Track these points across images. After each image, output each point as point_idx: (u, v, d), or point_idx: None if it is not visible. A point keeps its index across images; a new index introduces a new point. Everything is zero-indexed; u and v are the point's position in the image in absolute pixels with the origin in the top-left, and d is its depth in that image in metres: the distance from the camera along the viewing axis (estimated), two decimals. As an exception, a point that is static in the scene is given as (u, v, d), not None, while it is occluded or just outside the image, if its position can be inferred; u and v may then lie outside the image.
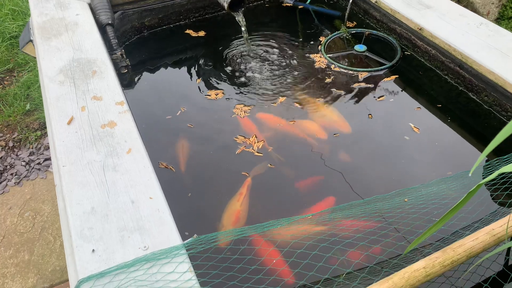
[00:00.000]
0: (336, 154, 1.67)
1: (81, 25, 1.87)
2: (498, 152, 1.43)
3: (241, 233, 1.06)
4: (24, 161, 2.73)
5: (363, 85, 2.00)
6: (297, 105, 1.90)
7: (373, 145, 1.71)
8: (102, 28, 1.99)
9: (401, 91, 1.98)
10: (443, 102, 1.88)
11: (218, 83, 2.04)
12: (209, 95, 1.95)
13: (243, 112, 1.83)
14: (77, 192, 1.16)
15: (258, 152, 1.65)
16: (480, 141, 1.74)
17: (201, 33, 2.34)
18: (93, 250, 1.01)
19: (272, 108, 1.88)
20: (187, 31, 2.37)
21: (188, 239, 1.04)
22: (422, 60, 2.04)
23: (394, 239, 1.13)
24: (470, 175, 0.87)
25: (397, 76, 2.02)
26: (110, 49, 1.97)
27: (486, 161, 1.45)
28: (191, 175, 1.60)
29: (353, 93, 1.96)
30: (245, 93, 1.98)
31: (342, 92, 1.96)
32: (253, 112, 1.86)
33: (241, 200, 1.44)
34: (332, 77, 2.05)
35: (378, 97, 1.93)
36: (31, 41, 1.99)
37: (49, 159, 2.75)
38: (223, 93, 1.95)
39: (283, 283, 1.00)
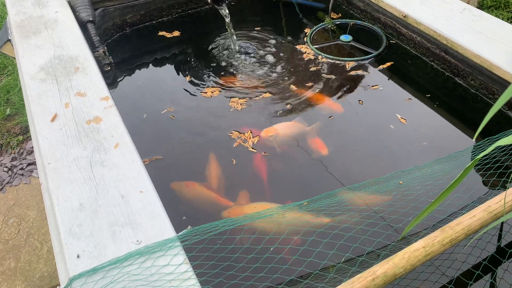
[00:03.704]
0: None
1: (61, 22, 1.82)
2: (487, 134, 1.43)
3: (235, 223, 1.03)
4: (6, 166, 2.65)
5: (350, 74, 1.99)
6: (290, 93, 1.89)
7: (362, 133, 1.71)
8: (83, 25, 1.94)
9: (388, 79, 1.98)
10: (430, 88, 1.89)
11: (206, 79, 2.01)
12: (205, 92, 1.91)
13: (239, 104, 1.81)
14: (64, 189, 1.12)
15: (252, 148, 1.62)
16: (468, 125, 1.74)
17: (176, 33, 2.30)
18: (78, 256, 0.97)
19: (267, 99, 1.87)
20: (161, 32, 2.32)
21: (182, 231, 1.01)
22: (408, 47, 2.05)
23: (391, 222, 1.11)
24: (474, 139, 0.86)
25: (382, 65, 2.02)
26: (92, 47, 1.93)
27: (477, 142, 1.45)
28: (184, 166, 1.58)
29: (341, 82, 1.95)
30: (237, 86, 1.95)
31: (330, 82, 1.95)
32: (249, 103, 1.84)
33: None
34: (319, 67, 2.04)
35: (366, 86, 1.92)
36: (9, 40, 1.93)
37: (32, 163, 2.68)
38: (219, 91, 1.92)
39: (281, 271, 0.98)
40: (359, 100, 1.84)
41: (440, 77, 1.90)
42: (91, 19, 1.97)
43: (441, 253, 0.97)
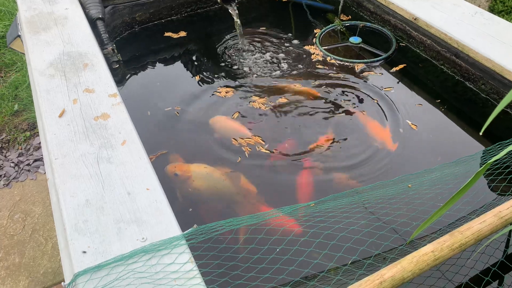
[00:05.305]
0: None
1: (71, 19, 1.83)
2: (498, 139, 1.41)
3: (242, 223, 1.02)
4: (13, 162, 2.66)
5: (359, 76, 1.98)
6: (297, 94, 1.89)
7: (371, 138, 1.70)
8: (92, 22, 1.95)
9: (398, 82, 1.96)
10: (440, 92, 1.87)
11: (216, 79, 2.00)
12: (220, 92, 1.90)
13: (261, 104, 1.80)
14: (71, 184, 1.12)
15: (266, 150, 1.61)
16: (478, 130, 1.72)
17: (182, 33, 2.29)
18: (84, 252, 0.96)
19: (273, 100, 1.86)
20: (167, 33, 2.32)
21: (188, 230, 1.00)
22: (418, 50, 2.03)
23: (399, 225, 1.10)
24: (481, 133, 0.86)
25: (395, 67, 2.01)
26: (101, 44, 1.93)
27: (487, 147, 1.43)
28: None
29: (348, 84, 1.94)
30: (247, 87, 1.94)
31: (338, 83, 1.94)
32: (269, 104, 1.84)
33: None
34: (328, 68, 2.03)
35: (375, 88, 1.91)
36: (19, 36, 1.94)
37: (38, 159, 2.69)
38: (233, 92, 1.91)
39: (287, 272, 0.97)
40: (374, 99, 1.83)
41: (450, 81, 1.88)
42: (100, 16, 1.98)
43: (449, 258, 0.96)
